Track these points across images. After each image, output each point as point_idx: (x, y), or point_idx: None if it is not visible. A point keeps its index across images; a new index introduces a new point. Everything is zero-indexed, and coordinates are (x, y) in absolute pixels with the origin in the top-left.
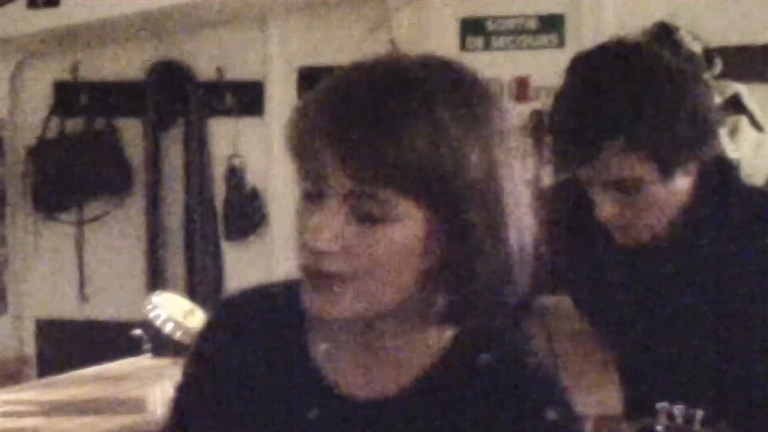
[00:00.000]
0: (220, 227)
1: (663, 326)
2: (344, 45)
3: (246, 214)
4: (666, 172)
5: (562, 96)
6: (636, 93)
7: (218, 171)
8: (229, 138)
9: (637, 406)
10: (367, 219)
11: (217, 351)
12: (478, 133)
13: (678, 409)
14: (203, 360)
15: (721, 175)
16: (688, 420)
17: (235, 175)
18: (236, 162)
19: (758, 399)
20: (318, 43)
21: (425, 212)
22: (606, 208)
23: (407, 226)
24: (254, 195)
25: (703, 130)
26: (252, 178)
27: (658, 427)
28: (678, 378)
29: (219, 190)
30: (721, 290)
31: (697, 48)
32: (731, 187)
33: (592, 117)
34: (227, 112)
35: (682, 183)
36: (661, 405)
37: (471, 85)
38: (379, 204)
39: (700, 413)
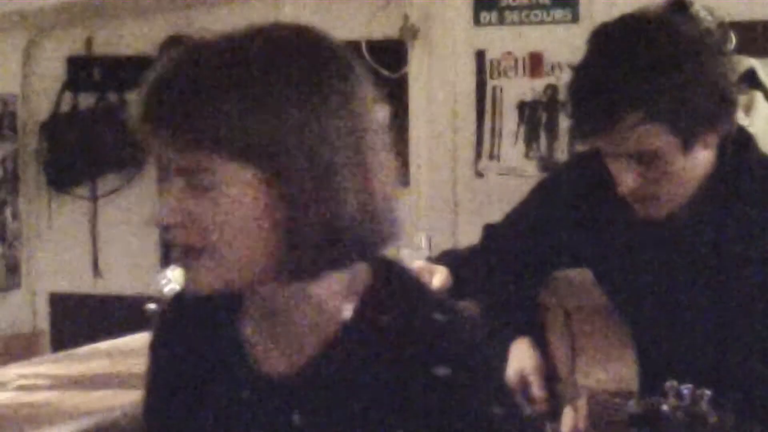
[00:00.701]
0: None
1: (680, 302)
2: (357, 20)
3: None
4: (685, 144)
5: (581, 66)
6: (656, 64)
7: None
8: None
9: (651, 383)
10: (201, 188)
11: (167, 341)
12: (297, 94)
13: (686, 389)
14: (156, 350)
15: (740, 146)
16: (696, 400)
17: None
18: None
19: None
20: (331, 18)
21: (253, 172)
22: (625, 180)
23: (238, 189)
24: None
25: (722, 103)
26: None
27: (665, 407)
28: (691, 357)
29: None
30: (741, 264)
31: (711, 23)
32: (751, 159)
33: (612, 87)
34: None
35: (701, 156)
36: (670, 384)
37: (309, 50)
38: (208, 172)
39: (707, 394)
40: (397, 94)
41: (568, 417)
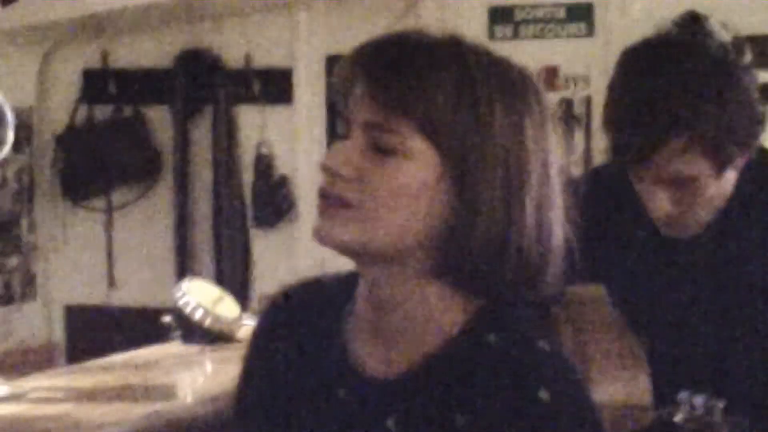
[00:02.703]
0: (248, 214)
1: (695, 316)
2: (372, 33)
3: (274, 201)
4: (721, 167)
5: (617, 92)
6: (695, 89)
7: (246, 158)
8: (257, 125)
9: (664, 397)
10: (383, 150)
11: (267, 337)
12: (508, 103)
13: (699, 400)
14: (255, 346)
15: (759, 164)
16: (709, 411)
17: (263, 162)
18: (264, 149)
19: None
20: (346, 31)
21: (438, 155)
22: (660, 204)
23: (418, 164)
24: (282, 182)
25: (755, 122)
26: (280, 166)
27: (678, 417)
28: (705, 370)
29: (247, 178)
30: (758, 280)
31: (726, 37)
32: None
33: (655, 114)
34: (255, 100)
35: (731, 176)
36: (683, 395)
37: (510, 65)
38: (395, 136)
39: (721, 404)
40: None
41: None
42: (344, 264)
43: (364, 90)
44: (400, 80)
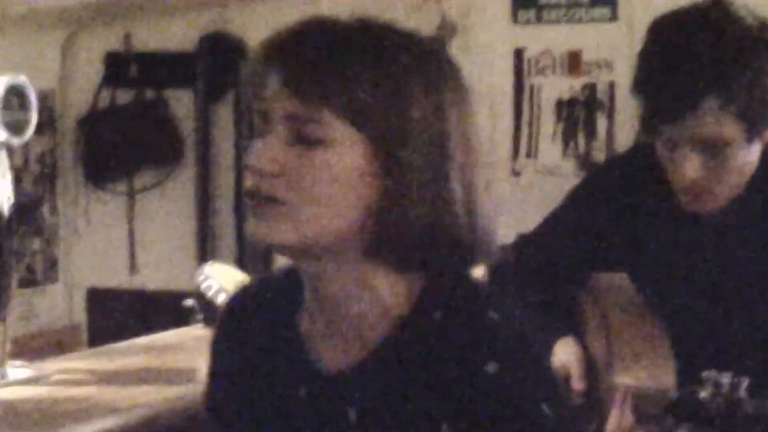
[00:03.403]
0: None
1: (717, 295)
2: (395, 17)
3: None
4: (752, 132)
5: (649, 55)
6: (729, 51)
7: None
8: None
9: (688, 376)
10: (307, 142)
11: (228, 335)
12: (426, 81)
13: (724, 378)
14: (218, 344)
15: None
16: (734, 388)
17: None
18: None
19: None
20: (369, 14)
21: (364, 141)
22: (688, 169)
23: (345, 151)
24: None
25: None
26: None
27: (703, 395)
28: (729, 350)
29: None
30: None
31: (751, 21)
32: None
33: (689, 74)
34: None
35: (757, 150)
36: (708, 373)
37: (424, 41)
38: (319, 126)
39: (746, 382)
40: None
41: (613, 414)
42: None
43: (281, 83)
44: (317, 70)
